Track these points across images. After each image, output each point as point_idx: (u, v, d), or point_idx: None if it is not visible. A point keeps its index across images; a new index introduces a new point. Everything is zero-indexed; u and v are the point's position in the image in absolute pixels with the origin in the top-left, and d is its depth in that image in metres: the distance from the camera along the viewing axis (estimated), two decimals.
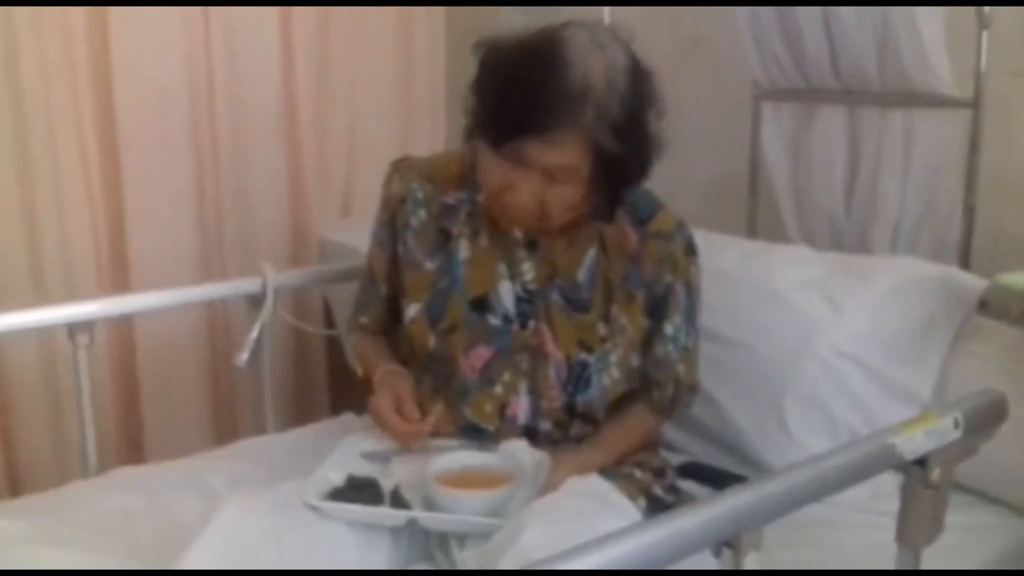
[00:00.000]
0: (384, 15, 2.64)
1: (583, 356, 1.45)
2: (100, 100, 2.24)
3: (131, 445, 2.37)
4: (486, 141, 1.35)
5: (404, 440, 1.43)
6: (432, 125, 2.77)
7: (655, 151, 1.38)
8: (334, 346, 2.54)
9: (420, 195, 1.53)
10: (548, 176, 1.32)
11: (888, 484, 1.49)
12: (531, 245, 1.48)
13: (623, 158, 1.33)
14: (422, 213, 1.53)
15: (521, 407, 1.46)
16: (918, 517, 1.15)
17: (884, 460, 1.09)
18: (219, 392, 2.49)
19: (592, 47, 1.30)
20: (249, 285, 1.87)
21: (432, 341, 1.49)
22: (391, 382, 1.48)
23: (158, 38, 2.28)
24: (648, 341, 1.49)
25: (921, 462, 1.13)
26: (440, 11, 2.72)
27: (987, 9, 1.77)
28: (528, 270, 1.48)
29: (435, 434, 1.47)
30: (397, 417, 1.42)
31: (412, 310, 1.51)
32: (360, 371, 1.62)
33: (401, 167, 1.58)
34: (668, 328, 1.48)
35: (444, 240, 1.52)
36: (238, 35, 2.39)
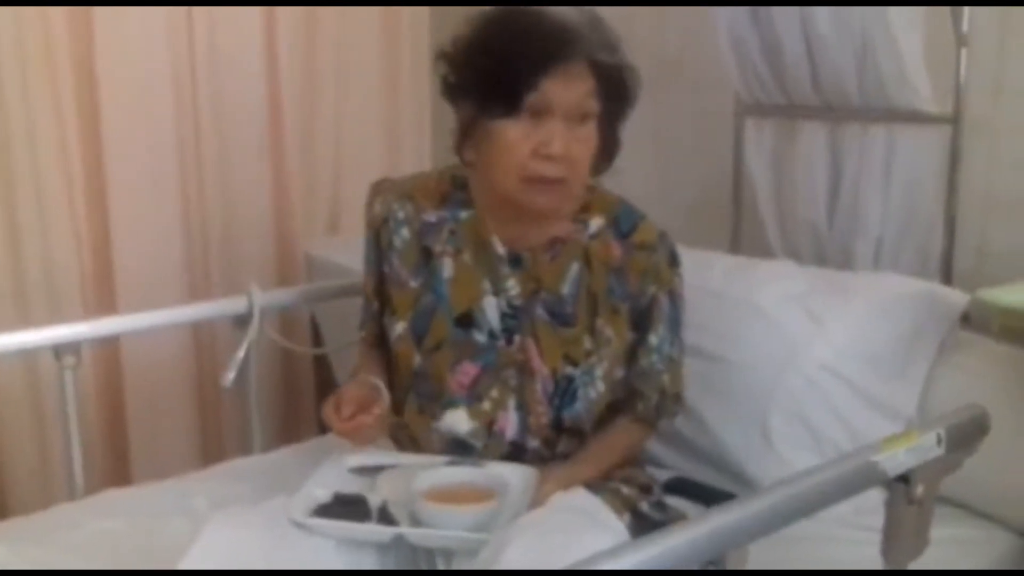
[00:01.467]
0: (369, 28, 2.65)
1: (569, 370, 1.46)
2: (84, 117, 2.24)
3: (117, 465, 2.36)
4: (507, 108, 1.37)
5: (351, 439, 1.44)
6: (418, 141, 2.77)
7: (636, 76, 1.44)
8: (321, 365, 2.53)
9: (401, 215, 1.54)
10: (571, 119, 1.37)
11: (873, 499, 1.50)
12: (515, 261, 1.49)
13: (617, 75, 1.40)
14: (404, 232, 1.54)
15: (509, 423, 1.46)
16: (902, 533, 1.16)
17: (867, 477, 1.09)
18: (205, 412, 2.49)
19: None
20: (235, 305, 1.87)
21: (417, 359, 1.49)
22: (343, 388, 1.49)
23: (141, 55, 2.28)
24: (632, 353, 1.50)
25: (904, 478, 1.13)
26: (424, 25, 2.73)
27: (966, 26, 1.79)
28: (512, 286, 1.49)
29: (422, 450, 1.49)
30: (335, 416, 1.42)
31: (398, 328, 1.52)
32: None
33: (381, 188, 1.60)
34: (652, 339, 1.50)
35: (427, 258, 1.52)
36: (222, 49, 2.40)
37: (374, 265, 1.59)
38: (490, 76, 1.38)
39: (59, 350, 1.68)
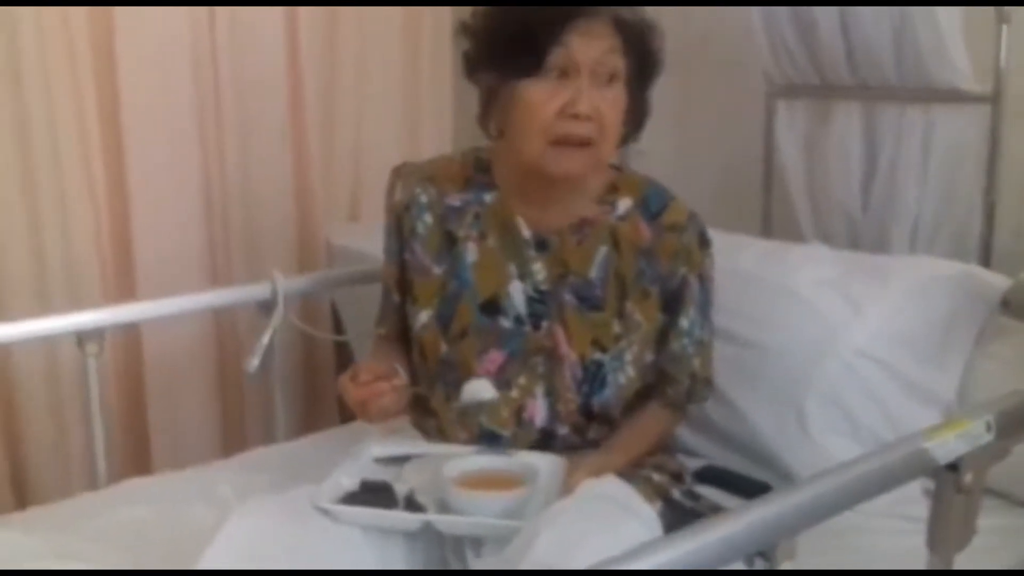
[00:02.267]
0: (390, 17, 2.62)
1: (598, 355, 1.43)
2: (104, 103, 2.22)
3: (137, 454, 2.35)
4: (531, 66, 1.34)
5: (361, 409, 1.40)
6: (439, 126, 2.74)
7: (663, 49, 1.43)
8: (343, 352, 2.51)
9: (424, 199, 1.51)
10: (597, 78, 1.35)
11: (912, 488, 1.47)
12: (541, 244, 1.46)
13: (645, 36, 1.39)
14: (427, 217, 1.51)
15: (538, 410, 1.44)
16: (950, 522, 1.13)
17: (917, 465, 1.07)
18: (227, 400, 2.47)
19: None
20: (259, 291, 1.85)
21: (443, 348, 1.47)
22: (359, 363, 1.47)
23: (161, 40, 2.26)
24: (663, 336, 1.47)
25: (953, 467, 1.10)
26: (446, 12, 2.70)
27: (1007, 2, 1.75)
28: (539, 270, 1.46)
29: (449, 441, 1.46)
30: (351, 384, 1.39)
31: (423, 317, 1.49)
32: None
33: (403, 173, 1.56)
34: (683, 322, 1.47)
35: (450, 244, 1.49)
36: (244, 39, 2.38)
37: (395, 255, 1.55)
38: (513, 35, 1.36)
39: (82, 337, 1.66)
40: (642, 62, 1.41)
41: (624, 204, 1.47)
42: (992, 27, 1.76)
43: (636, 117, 1.45)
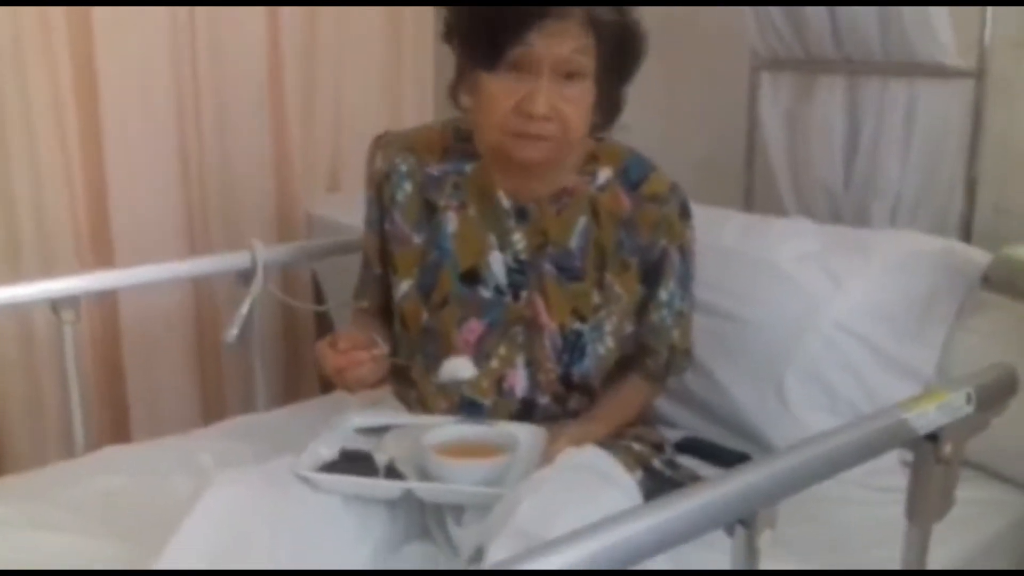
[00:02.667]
0: None
1: (577, 325, 1.43)
2: (79, 67, 2.18)
3: (116, 424, 2.33)
4: (489, 60, 1.31)
5: (339, 376, 1.38)
6: (420, 96, 2.72)
7: (644, 41, 1.37)
8: (323, 323, 2.50)
9: (404, 168, 1.50)
10: (560, 74, 1.30)
11: (890, 459, 1.48)
12: (521, 214, 1.45)
13: (619, 34, 1.33)
14: (407, 186, 1.50)
15: (518, 380, 1.44)
16: (929, 493, 1.14)
17: (897, 435, 1.07)
18: (206, 369, 2.46)
19: None
20: (238, 260, 1.83)
21: (425, 316, 1.46)
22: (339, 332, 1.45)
23: (139, 12, 2.22)
24: (643, 307, 1.47)
25: (932, 437, 1.11)
26: None
27: None
28: (519, 240, 1.45)
29: (430, 412, 1.46)
30: (330, 350, 1.38)
31: (404, 286, 1.49)
32: None
33: (383, 142, 1.55)
34: (663, 294, 1.46)
35: (430, 213, 1.48)
36: (221, 8, 2.34)
37: (376, 224, 1.54)
38: (474, 27, 1.33)
39: (57, 304, 1.64)
40: (616, 61, 1.36)
41: (604, 174, 1.46)
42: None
43: (607, 111, 1.41)
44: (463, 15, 1.35)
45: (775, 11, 1.97)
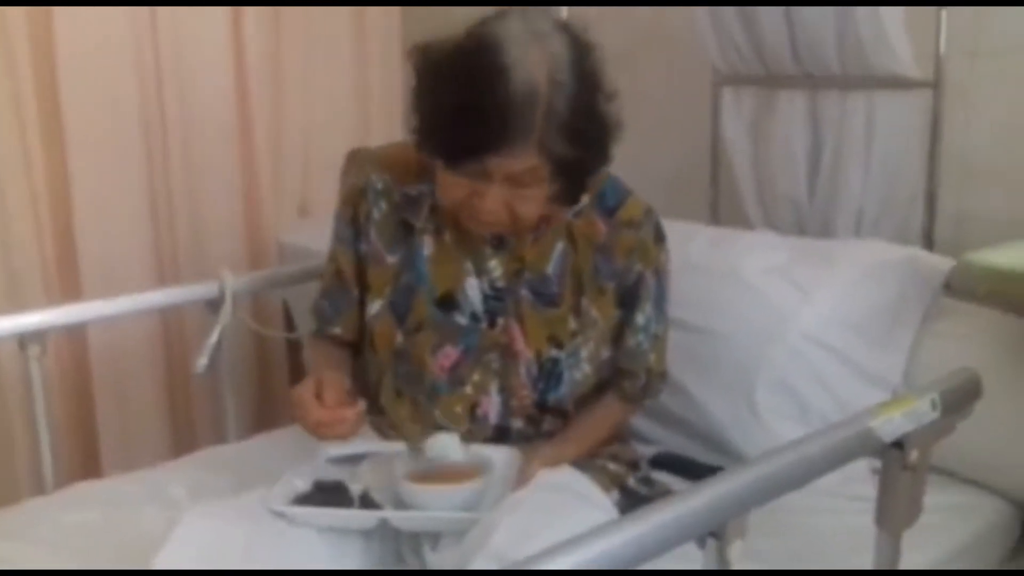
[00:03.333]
0: (338, 10, 2.60)
1: (553, 352, 1.42)
2: (44, 101, 2.18)
3: (87, 458, 2.31)
4: (441, 162, 1.31)
5: (318, 429, 1.32)
6: (388, 121, 2.73)
7: (611, 136, 1.33)
8: (295, 350, 2.49)
9: (379, 186, 1.48)
10: (512, 182, 1.29)
11: (859, 468, 1.50)
12: (498, 241, 1.43)
13: (578, 157, 1.29)
14: (383, 204, 1.48)
15: (492, 406, 1.43)
16: (897, 500, 1.15)
17: (863, 444, 1.08)
18: (176, 400, 2.44)
19: (530, 40, 1.25)
20: (207, 289, 1.83)
21: (399, 338, 1.44)
22: (320, 374, 1.39)
23: (103, 36, 2.22)
24: (619, 331, 1.47)
25: (898, 444, 1.12)
26: (395, 7, 2.69)
27: None
28: (495, 267, 1.44)
29: (403, 437, 1.44)
30: (316, 402, 1.31)
31: (375, 306, 1.47)
32: None
33: (357, 158, 1.54)
34: (639, 318, 1.46)
35: (405, 233, 1.46)
36: (187, 31, 2.34)
37: (350, 245, 1.50)
38: (429, 127, 1.31)
39: (24, 339, 1.63)
40: (575, 173, 1.32)
41: (581, 199, 1.43)
42: (932, 13, 1.79)
43: (571, 195, 1.37)
44: (421, 113, 1.32)
45: (734, 27, 1.99)
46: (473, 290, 1.44)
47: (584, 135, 1.28)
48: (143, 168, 2.33)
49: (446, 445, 1.34)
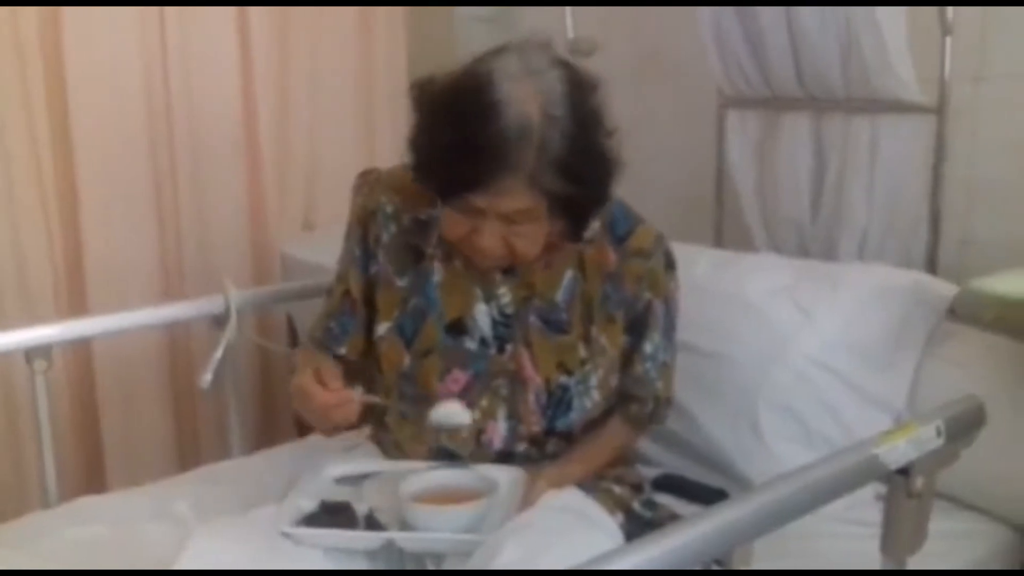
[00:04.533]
0: (343, 24, 2.61)
1: (563, 379, 1.41)
2: (54, 115, 2.19)
3: (91, 471, 2.31)
4: (437, 195, 1.32)
5: (327, 413, 1.32)
6: (394, 137, 2.73)
7: (609, 173, 1.32)
8: None
9: (389, 209, 1.48)
10: (507, 220, 1.29)
11: (865, 493, 1.50)
12: (507, 268, 1.43)
13: (574, 195, 1.28)
14: (392, 227, 1.48)
15: (498, 433, 1.43)
16: (902, 527, 1.15)
17: (868, 471, 1.08)
18: (180, 414, 2.44)
19: (524, 76, 1.25)
20: (211, 304, 1.83)
21: (407, 361, 1.44)
22: (314, 364, 1.38)
23: (112, 52, 2.24)
24: (627, 358, 1.46)
25: (904, 471, 1.12)
26: (399, 18, 2.70)
27: (950, 13, 1.78)
28: (504, 293, 1.43)
29: (407, 456, 1.45)
30: (320, 387, 1.31)
31: (382, 328, 1.47)
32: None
33: (370, 179, 1.54)
34: (647, 346, 1.46)
35: (416, 258, 1.47)
36: (194, 46, 2.36)
37: (360, 266, 1.49)
38: (423, 163, 1.32)
39: (30, 354, 1.63)
40: (576, 201, 1.30)
41: (591, 227, 1.42)
42: (936, 38, 1.80)
43: (575, 228, 1.36)
44: (416, 148, 1.33)
45: (740, 51, 2.01)
46: (482, 315, 1.44)
47: (580, 172, 1.27)
48: (150, 182, 2.34)
49: (451, 412, 1.35)
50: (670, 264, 1.47)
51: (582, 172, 1.27)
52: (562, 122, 1.24)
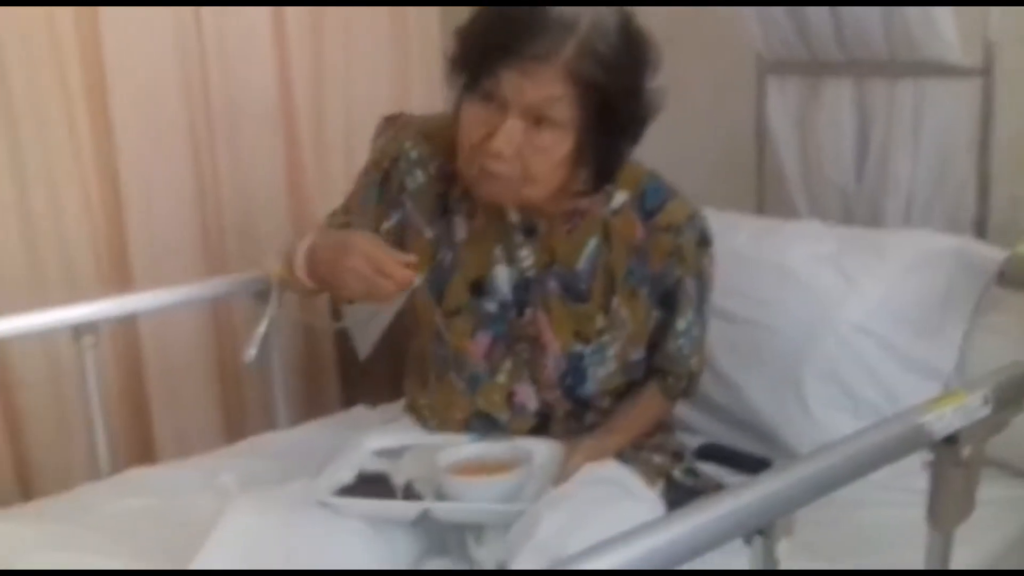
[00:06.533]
0: (377, 11, 2.61)
1: (579, 347, 1.40)
2: (93, 98, 2.20)
3: (141, 445, 2.35)
4: (464, 84, 1.29)
5: (378, 278, 1.26)
6: (429, 111, 2.73)
7: (647, 113, 1.31)
8: (343, 338, 2.51)
9: (414, 155, 1.44)
10: (529, 118, 1.25)
11: (912, 461, 1.48)
12: (529, 230, 1.41)
13: (610, 94, 1.25)
14: (419, 174, 1.44)
15: (528, 395, 1.43)
16: (949, 496, 1.13)
17: (914, 440, 1.06)
18: (227, 388, 2.47)
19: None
20: (254, 280, 1.84)
21: (438, 318, 1.44)
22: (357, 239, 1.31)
23: (149, 31, 2.24)
24: (660, 334, 1.45)
25: (951, 440, 1.10)
26: (433, 4, 2.69)
27: None
28: (526, 256, 1.42)
29: (444, 424, 1.47)
30: (389, 259, 1.27)
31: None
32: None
33: (397, 123, 1.51)
34: (680, 323, 1.44)
35: (444, 208, 1.44)
36: (231, 25, 2.36)
37: (372, 213, 1.45)
38: (463, 44, 1.30)
39: (78, 330, 1.66)
40: (605, 119, 1.27)
41: (620, 197, 1.41)
42: None
43: (598, 169, 1.32)
44: (457, 36, 1.32)
45: (779, 14, 1.97)
46: (502, 277, 1.42)
47: (619, 73, 1.25)
48: (190, 159, 2.36)
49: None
50: (703, 240, 1.43)
51: (620, 74, 1.26)
52: (608, 36, 1.24)
